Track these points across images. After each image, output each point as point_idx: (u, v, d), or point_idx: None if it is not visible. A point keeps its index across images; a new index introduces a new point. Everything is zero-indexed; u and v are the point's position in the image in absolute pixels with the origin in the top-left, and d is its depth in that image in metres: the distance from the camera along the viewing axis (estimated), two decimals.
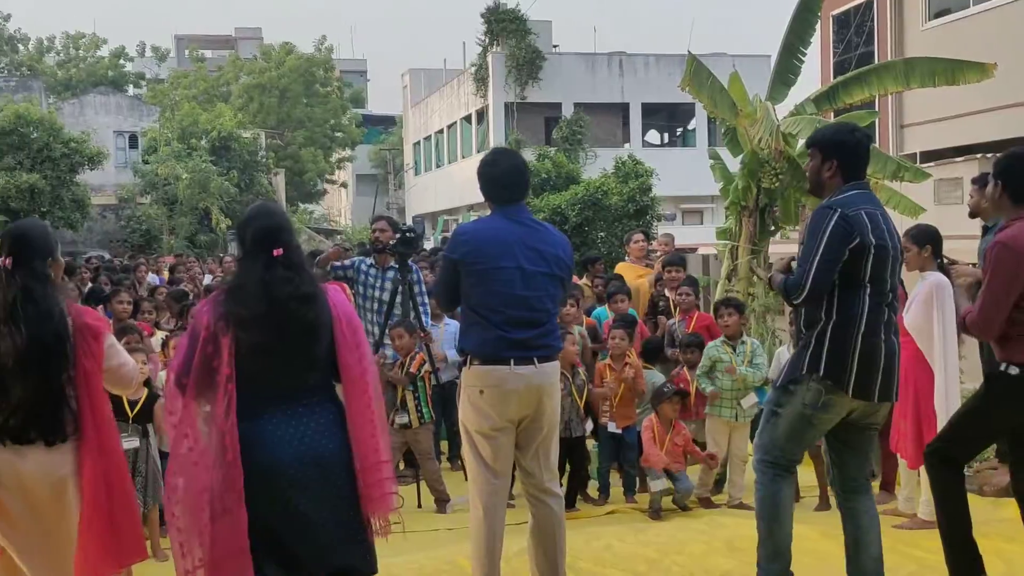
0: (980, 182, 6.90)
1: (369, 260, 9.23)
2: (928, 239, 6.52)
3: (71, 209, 33.08)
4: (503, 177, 5.26)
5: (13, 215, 31.14)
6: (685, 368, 8.18)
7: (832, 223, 4.58)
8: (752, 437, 6.43)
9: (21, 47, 64.69)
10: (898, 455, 6.88)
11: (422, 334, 8.49)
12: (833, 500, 5.37)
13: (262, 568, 3.89)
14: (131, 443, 6.74)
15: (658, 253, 12.30)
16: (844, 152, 4.81)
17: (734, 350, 7.84)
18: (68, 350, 3.96)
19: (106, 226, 37.71)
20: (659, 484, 7.49)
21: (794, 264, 4.82)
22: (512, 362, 5.01)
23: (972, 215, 7.27)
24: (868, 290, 4.63)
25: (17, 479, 3.89)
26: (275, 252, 4.02)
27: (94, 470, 3.92)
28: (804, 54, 13.67)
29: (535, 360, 5.06)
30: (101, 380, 4.08)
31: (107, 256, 25.58)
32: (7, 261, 3.97)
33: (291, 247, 4.10)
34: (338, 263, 8.95)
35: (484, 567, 5.13)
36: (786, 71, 13.60)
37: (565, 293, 5.46)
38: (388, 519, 4.15)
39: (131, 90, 58.25)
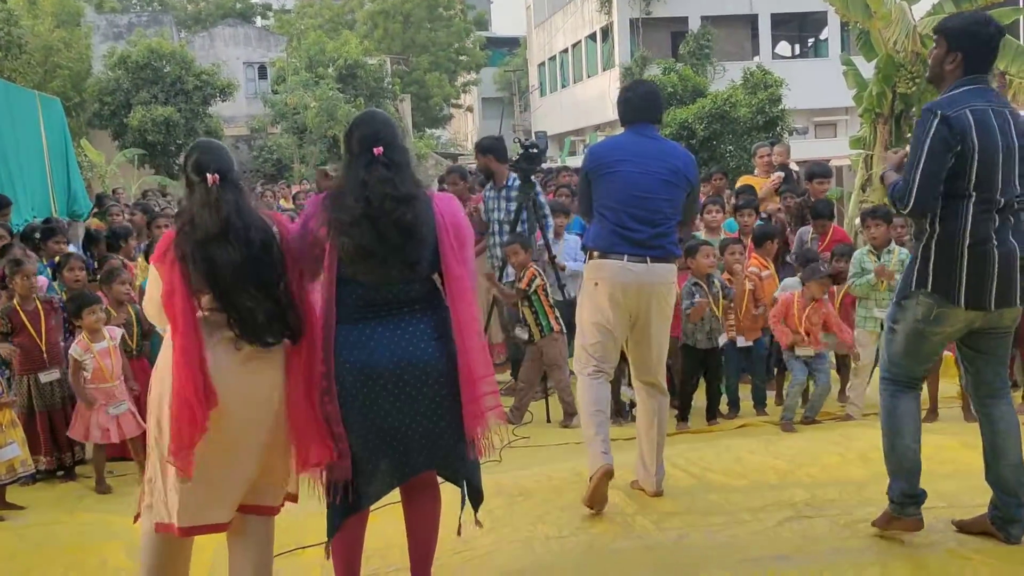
0: None
1: (489, 184, 9.24)
2: None
3: None
4: (638, 100, 5.59)
5: (150, 148, 32.10)
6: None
7: (933, 129, 4.30)
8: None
9: None
10: None
11: (546, 253, 8.47)
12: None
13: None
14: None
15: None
16: (973, 44, 4.44)
17: (878, 259, 7.54)
18: (279, 257, 3.97)
19: (239, 157, 38.46)
20: (798, 374, 7.50)
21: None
22: (626, 257, 5.29)
23: None
24: (973, 198, 4.35)
25: (238, 380, 3.91)
26: (376, 151, 4.01)
27: (297, 373, 3.97)
28: None
29: (648, 259, 5.30)
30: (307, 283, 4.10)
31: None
32: (216, 178, 3.95)
33: (393, 147, 4.05)
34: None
35: (594, 422, 5.33)
36: None
37: (692, 202, 5.65)
38: (485, 437, 4.08)
39: (259, 21, 59.08)
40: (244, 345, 3.90)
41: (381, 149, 4.01)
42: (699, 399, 7.81)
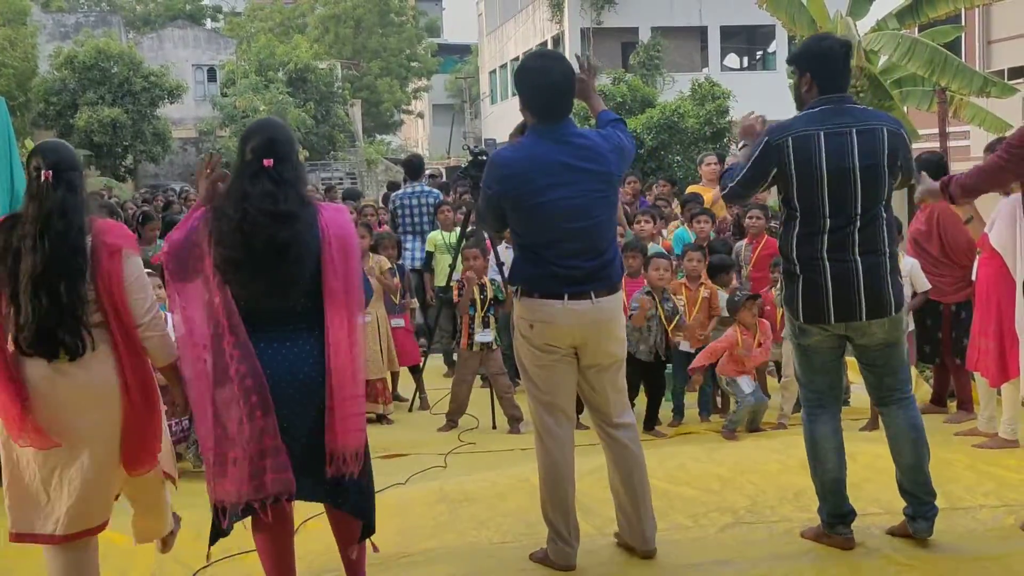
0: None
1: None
2: None
3: (153, 143, 33.64)
4: (554, 89, 4.51)
5: (96, 149, 31.74)
6: (773, 289, 8.08)
7: (760, 148, 4.60)
8: None
9: None
10: (978, 373, 6.72)
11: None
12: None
13: None
14: None
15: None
16: (813, 63, 4.62)
17: None
18: (83, 267, 3.86)
19: (187, 159, 38.22)
20: (749, 392, 7.60)
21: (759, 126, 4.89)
22: (566, 297, 4.47)
23: None
24: (799, 219, 4.57)
25: (53, 391, 3.88)
26: (265, 162, 3.90)
27: (133, 379, 3.93)
28: None
29: (591, 295, 4.49)
30: (125, 296, 3.94)
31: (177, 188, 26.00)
32: (48, 174, 3.88)
33: (284, 160, 3.94)
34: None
35: (558, 508, 4.65)
36: None
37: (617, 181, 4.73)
38: (355, 457, 3.96)
39: (208, 23, 58.62)
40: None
41: (271, 162, 3.91)
42: (641, 403, 7.82)
